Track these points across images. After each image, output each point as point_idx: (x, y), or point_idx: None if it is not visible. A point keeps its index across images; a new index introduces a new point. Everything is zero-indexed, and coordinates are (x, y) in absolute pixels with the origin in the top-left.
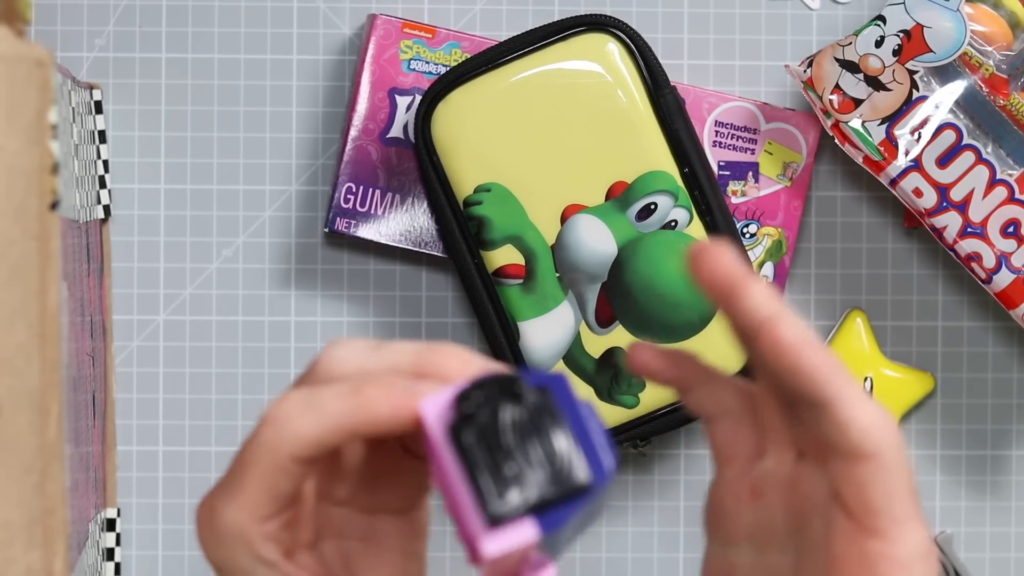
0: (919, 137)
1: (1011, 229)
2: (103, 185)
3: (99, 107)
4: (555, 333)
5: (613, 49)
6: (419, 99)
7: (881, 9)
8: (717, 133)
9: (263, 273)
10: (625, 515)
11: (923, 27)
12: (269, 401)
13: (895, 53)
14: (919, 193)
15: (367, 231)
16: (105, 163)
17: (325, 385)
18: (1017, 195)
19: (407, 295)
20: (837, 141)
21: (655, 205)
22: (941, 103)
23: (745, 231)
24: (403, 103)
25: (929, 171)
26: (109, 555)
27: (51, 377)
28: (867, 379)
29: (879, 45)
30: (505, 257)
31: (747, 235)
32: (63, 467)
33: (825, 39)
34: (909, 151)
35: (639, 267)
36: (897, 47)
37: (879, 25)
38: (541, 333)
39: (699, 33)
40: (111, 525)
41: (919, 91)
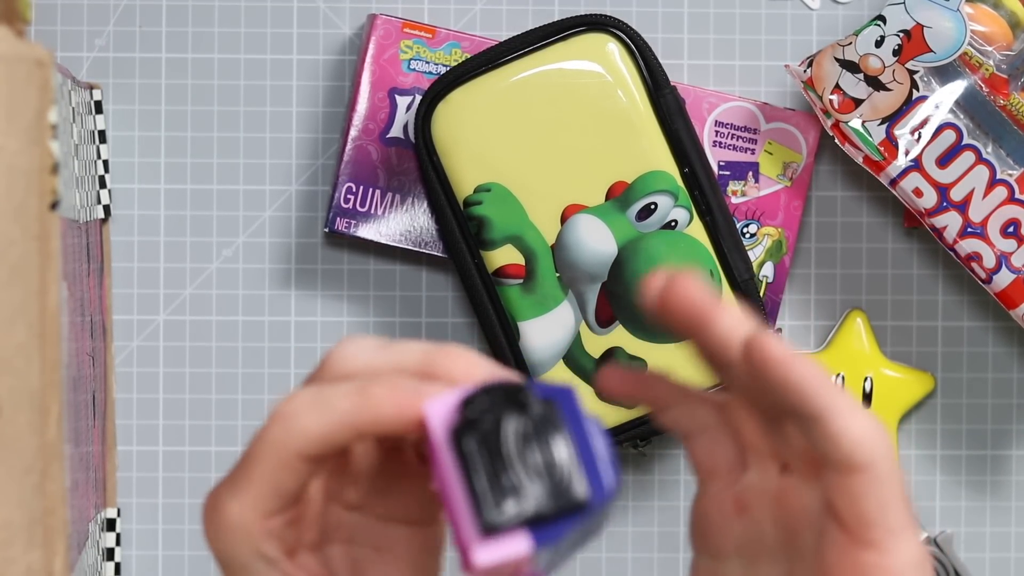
0: (919, 137)
1: (1011, 229)
2: (103, 185)
3: (99, 107)
4: (555, 333)
5: (613, 49)
6: (419, 99)
7: (881, 9)
8: (717, 133)
9: (263, 273)
10: (625, 515)
11: (923, 27)
12: (278, 399)
13: (895, 53)
14: (919, 193)
15: (367, 231)
16: (105, 163)
17: (333, 383)
18: (1017, 195)
19: (407, 295)
20: (837, 141)
21: (655, 205)
22: (941, 103)
23: (745, 231)
24: (403, 103)
25: (929, 171)
26: (109, 555)
27: (51, 377)
28: (867, 379)
29: (879, 45)
30: (505, 257)
31: (747, 235)
32: (63, 467)
33: (825, 39)
34: (909, 151)
35: (639, 267)
36: (897, 47)
37: (879, 25)
38: (541, 333)
39: (699, 33)
40: (111, 525)
41: (919, 91)
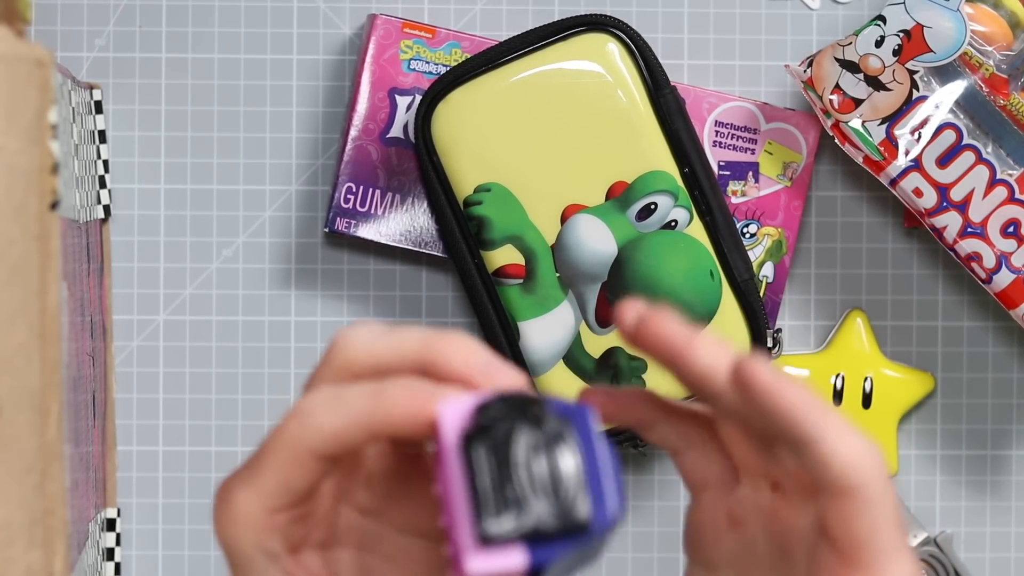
0: (919, 137)
1: (1011, 229)
2: (103, 185)
3: (99, 107)
4: (555, 333)
5: (613, 49)
6: (419, 99)
7: (881, 9)
8: (717, 133)
9: (263, 273)
10: (625, 515)
11: (923, 27)
12: (296, 397)
13: (895, 53)
14: (919, 193)
15: (367, 231)
16: (105, 163)
17: (351, 384)
18: (1017, 195)
19: (407, 295)
20: (837, 141)
21: (655, 205)
22: (941, 103)
23: (745, 231)
24: (403, 103)
25: (929, 171)
26: (109, 555)
27: (51, 377)
28: (867, 379)
29: (879, 45)
30: (505, 257)
31: (747, 235)
32: (63, 467)
33: (825, 39)
34: (909, 151)
35: (639, 267)
36: (897, 47)
37: (879, 25)
38: (541, 333)
39: (699, 33)
40: (111, 525)
41: (919, 91)
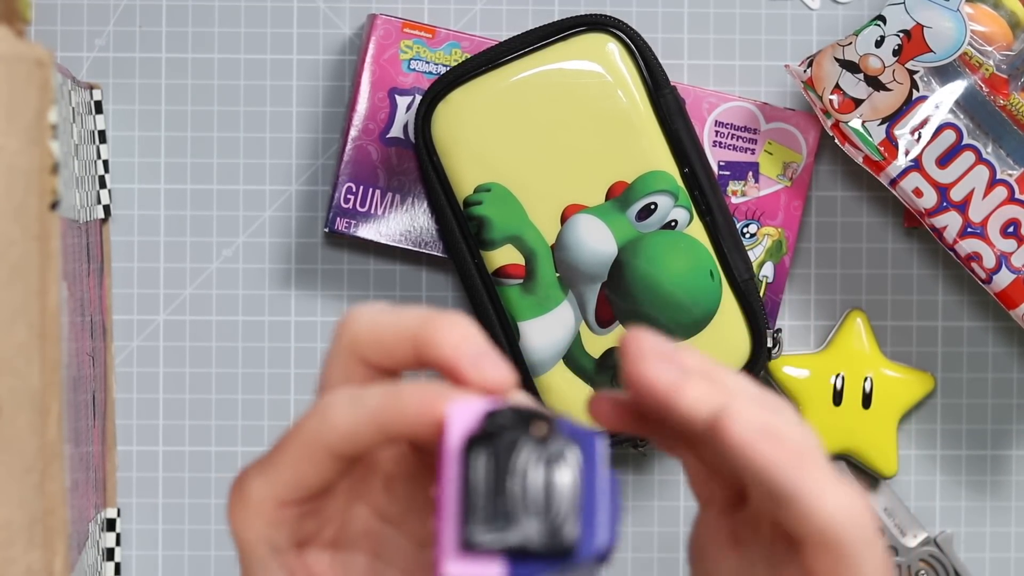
0: (919, 137)
1: (1011, 229)
2: (103, 185)
3: (99, 107)
4: (555, 333)
5: (613, 49)
6: (419, 99)
7: (881, 9)
8: (717, 133)
9: (263, 273)
10: (625, 515)
11: (923, 27)
12: (315, 397)
13: (895, 53)
14: (919, 193)
15: (367, 231)
16: (105, 163)
17: (371, 385)
18: (1017, 195)
19: (407, 295)
20: (837, 141)
21: (655, 205)
22: (941, 103)
23: (745, 231)
24: (403, 103)
25: (929, 171)
26: (109, 555)
27: (51, 377)
28: (867, 379)
29: (879, 45)
30: (505, 257)
31: (747, 235)
32: (63, 467)
33: (825, 39)
34: (909, 151)
35: (639, 267)
36: (897, 47)
37: (879, 25)
38: (541, 333)
39: (699, 33)
40: (111, 525)
41: (919, 91)
